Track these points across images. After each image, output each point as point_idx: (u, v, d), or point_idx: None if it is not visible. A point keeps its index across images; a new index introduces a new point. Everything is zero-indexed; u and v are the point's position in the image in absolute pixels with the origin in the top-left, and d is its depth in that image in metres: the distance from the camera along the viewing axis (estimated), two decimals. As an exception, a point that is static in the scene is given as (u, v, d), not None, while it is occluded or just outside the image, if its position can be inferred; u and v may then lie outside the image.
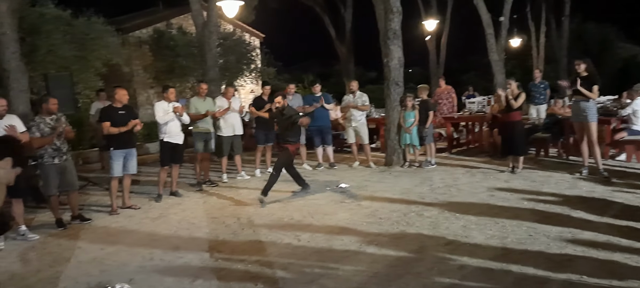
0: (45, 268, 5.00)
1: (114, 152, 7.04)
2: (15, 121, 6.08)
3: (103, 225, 6.59)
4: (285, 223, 6.18)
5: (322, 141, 9.90)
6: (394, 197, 7.21)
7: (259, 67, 18.85)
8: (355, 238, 5.43)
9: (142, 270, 4.79)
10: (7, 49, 8.10)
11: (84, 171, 9.97)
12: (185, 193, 8.21)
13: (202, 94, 8.62)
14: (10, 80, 8.18)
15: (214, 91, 10.57)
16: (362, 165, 9.93)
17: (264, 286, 4.28)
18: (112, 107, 7.24)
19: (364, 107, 9.94)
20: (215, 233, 5.93)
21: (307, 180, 8.78)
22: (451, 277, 4.24)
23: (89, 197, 8.34)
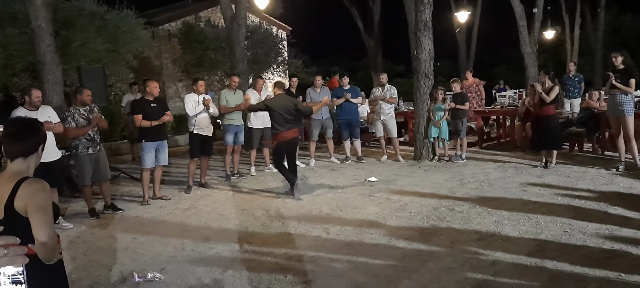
0: (80, 257, 5.10)
1: (146, 144, 7.13)
2: (50, 112, 6.21)
3: (135, 215, 6.69)
4: (314, 216, 6.17)
5: (350, 134, 9.84)
6: (423, 191, 7.12)
7: (286, 60, 18.88)
8: (385, 232, 5.38)
9: (173, 260, 4.84)
10: (42, 42, 8.29)
11: (115, 162, 10.14)
12: (215, 185, 8.28)
13: (233, 87, 8.66)
14: (45, 72, 8.37)
15: (242, 84, 10.61)
16: (391, 159, 9.85)
17: (294, 278, 4.27)
18: (144, 99, 7.33)
19: (392, 99, 9.84)
20: (244, 225, 5.96)
21: (335, 174, 8.78)
22: (484, 272, 4.16)
23: (120, 187, 8.49)
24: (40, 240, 2.22)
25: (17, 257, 0.99)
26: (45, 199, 2.31)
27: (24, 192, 2.29)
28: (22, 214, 2.28)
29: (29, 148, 2.43)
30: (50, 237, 2.25)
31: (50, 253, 2.28)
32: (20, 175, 2.38)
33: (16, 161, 2.41)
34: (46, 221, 2.26)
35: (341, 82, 10.11)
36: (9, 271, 0.97)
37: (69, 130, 6.34)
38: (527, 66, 16.39)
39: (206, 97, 7.77)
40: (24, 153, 2.42)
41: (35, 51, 8.46)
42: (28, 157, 2.43)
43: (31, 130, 2.46)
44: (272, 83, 19.35)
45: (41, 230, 2.23)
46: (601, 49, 23.20)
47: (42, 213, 2.27)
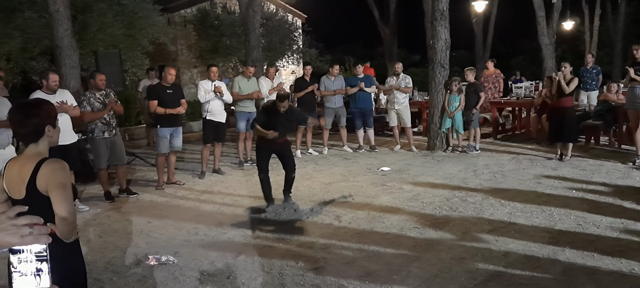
0: (95, 239, 5.19)
1: (161, 129, 7.20)
2: (67, 96, 6.29)
3: (149, 200, 6.77)
4: (327, 204, 6.19)
5: (363, 124, 9.82)
6: (436, 182, 7.10)
7: (301, 48, 18.84)
8: (397, 221, 5.39)
9: (187, 244, 4.90)
10: (60, 26, 8.38)
11: (131, 147, 10.24)
12: (228, 171, 8.33)
13: (248, 74, 8.69)
14: (63, 57, 8.46)
15: (257, 71, 10.62)
16: (404, 149, 9.82)
17: (305, 265, 4.31)
18: (160, 85, 7.39)
19: (407, 89, 9.79)
20: (257, 211, 6.00)
21: (348, 162, 8.78)
22: (496, 263, 4.15)
23: (136, 171, 8.58)
24: (61, 215, 2.32)
25: (42, 235, 1.02)
26: (64, 177, 2.40)
27: (44, 172, 2.37)
28: (43, 193, 2.36)
29: (34, 131, 2.46)
30: (70, 212, 2.36)
31: (70, 229, 2.37)
32: (39, 156, 2.45)
33: (30, 146, 2.47)
34: (66, 197, 2.36)
35: (355, 71, 10.07)
36: (35, 249, 1.01)
37: (85, 114, 6.41)
38: (545, 57, 16.16)
39: (217, 84, 7.80)
40: (32, 138, 2.46)
41: (53, 35, 8.55)
42: (39, 141, 2.48)
43: (30, 114, 2.47)
44: (286, 71, 19.30)
45: (61, 206, 2.33)
46: (621, 40, 22.76)
47: (62, 190, 2.36)
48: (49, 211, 2.34)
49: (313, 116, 8.79)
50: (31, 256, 1.02)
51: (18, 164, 2.50)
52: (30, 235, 1.03)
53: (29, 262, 1.02)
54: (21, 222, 1.04)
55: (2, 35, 11.58)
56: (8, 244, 1.03)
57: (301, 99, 9.48)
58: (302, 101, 9.49)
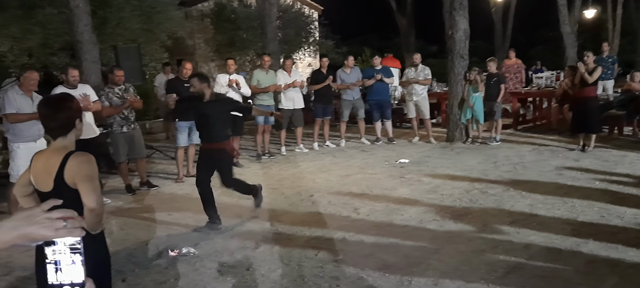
0: (117, 231, 5.26)
1: (179, 123, 7.26)
2: (89, 90, 6.37)
3: (169, 192, 6.84)
4: (344, 196, 6.17)
5: (381, 115, 9.77)
6: (456, 174, 7.04)
7: (317, 40, 18.80)
8: (415, 213, 5.36)
9: (207, 236, 4.94)
10: (80, 21, 8.47)
11: (150, 141, 10.35)
12: (246, 164, 8.36)
13: (265, 66, 8.68)
14: (83, 52, 8.57)
15: (274, 64, 10.63)
16: (423, 140, 9.75)
17: (324, 256, 4.31)
18: (178, 79, 7.44)
19: (425, 80, 9.70)
20: (275, 204, 6.02)
21: (366, 154, 8.75)
22: (517, 256, 4.11)
23: (155, 165, 8.67)
24: (90, 207, 2.39)
25: (75, 228, 1.05)
26: (91, 169, 2.46)
27: (71, 164, 2.42)
28: (70, 186, 2.42)
29: (64, 125, 2.51)
30: (99, 203, 2.43)
31: (98, 220, 2.44)
32: (66, 149, 2.50)
33: (58, 139, 2.52)
34: (94, 189, 2.42)
35: (372, 62, 10.01)
36: (69, 241, 1.03)
37: (104, 108, 6.49)
38: (566, 47, 15.86)
39: (232, 77, 7.81)
40: (62, 132, 2.51)
41: (73, 30, 8.66)
42: (68, 134, 2.53)
43: (60, 108, 2.52)
44: (303, 63, 19.29)
45: (90, 197, 2.39)
46: (645, 28, 22.24)
47: (90, 181, 2.43)
48: (77, 203, 2.39)
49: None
50: (65, 248, 1.04)
51: (44, 157, 2.55)
52: (64, 228, 1.05)
53: (63, 254, 1.04)
54: (55, 216, 1.05)
55: (24, 32, 11.78)
56: (43, 237, 1.04)
57: (318, 92, 9.47)
58: (319, 94, 9.48)
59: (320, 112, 9.51)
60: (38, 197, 2.53)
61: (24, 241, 1.06)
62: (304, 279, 3.90)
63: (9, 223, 1.05)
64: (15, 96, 5.35)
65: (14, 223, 1.05)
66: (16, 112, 5.31)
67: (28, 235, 1.05)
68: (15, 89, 5.36)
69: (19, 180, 2.66)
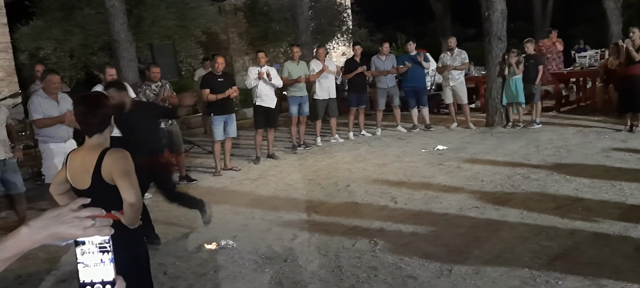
0: (159, 224, 5.35)
1: (215, 117, 7.34)
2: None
3: (208, 186, 6.93)
4: (382, 185, 6.10)
5: (417, 102, 9.60)
6: (496, 159, 6.85)
7: (350, 29, 18.63)
8: (455, 201, 5.24)
9: (244, 228, 4.98)
10: (116, 21, 8.64)
11: (188, 135, 10.51)
12: (282, 155, 8.39)
13: (296, 58, 8.66)
14: (120, 50, 8.74)
15: (307, 55, 10.60)
16: (461, 126, 9.53)
17: (361, 246, 4.27)
18: (211, 74, 7.51)
19: (462, 66, 9.47)
20: (312, 195, 6.01)
21: (402, 142, 8.64)
22: (562, 242, 3.96)
23: (193, 159, 8.80)
24: (130, 201, 2.44)
25: (104, 227, 1.05)
26: (128, 165, 2.50)
27: (108, 161, 2.47)
28: (108, 182, 2.46)
29: (101, 122, 2.56)
30: (138, 198, 2.48)
31: (136, 215, 2.49)
32: (101, 146, 2.55)
33: (94, 136, 2.56)
34: (132, 184, 2.47)
35: (407, 48, 9.84)
36: (97, 240, 1.02)
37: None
38: (610, 23, 15.16)
39: (261, 70, 7.82)
40: (99, 128, 2.56)
41: (110, 30, 8.84)
42: (103, 131, 2.58)
43: (96, 106, 2.58)
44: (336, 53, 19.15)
45: (129, 192, 2.44)
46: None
47: (127, 177, 2.48)
48: (114, 199, 2.44)
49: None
50: (94, 248, 1.04)
51: (80, 155, 2.60)
52: (93, 227, 1.04)
53: (92, 254, 1.04)
54: (84, 215, 1.05)
55: (64, 33, 12.12)
56: (72, 236, 1.04)
57: (352, 81, 9.38)
58: (353, 82, 9.39)
59: (355, 101, 9.43)
60: (74, 195, 2.59)
61: (54, 240, 1.06)
62: (341, 270, 3.87)
63: (39, 223, 1.06)
64: (41, 101, 5.36)
65: (44, 223, 1.05)
66: (43, 116, 5.38)
67: (57, 235, 1.05)
68: (39, 93, 5.45)
69: (54, 179, 2.72)
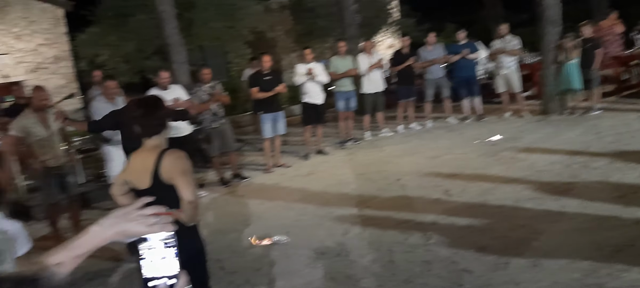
0: (213, 222, 5.52)
1: (263, 115, 7.46)
2: (179, 91, 6.70)
3: (259, 183, 7.06)
4: (434, 178, 6.01)
5: (468, 92, 9.38)
6: (553, 148, 6.60)
7: (397, 20, 18.41)
8: (511, 192, 5.10)
9: (297, 224, 5.04)
10: (167, 25, 8.92)
11: (239, 134, 10.72)
12: (331, 151, 8.41)
13: (342, 53, 8.65)
14: (173, 53, 9.02)
15: (353, 49, 10.56)
16: (515, 115, 9.24)
17: (414, 241, 4.23)
18: (259, 72, 7.62)
19: (514, 51, 9.17)
20: (362, 189, 6.00)
21: (454, 134, 8.48)
22: (626, 233, 3.78)
23: (245, 157, 8.97)
24: (188, 199, 2.54)
25: (167, 224, 1.12)
26: (185, 164, 2.62)
27: (167, 161, 2.58)
28: (166, 182, 2.57)
29: (159, 124, 2.67)
30: (196, 196, 2.59)
31: (195, 213, 2.60)
32: (160, 148, 2.65)
33: (153, 138, 2.67)
34: (190, 183, 2.59)
35: (457, 38, 9.61)
36: (161, 237, 1.08)
37: (193, 106, 6.80)
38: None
39: (309, 66, 7.86)
40: (158, 130, 2.67)
41: (162, 34, 9.14)
42: (161, 133, 2.68)
43: (154, 109, 2.69)
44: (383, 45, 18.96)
45: (187, 191, 2.55)
46: None
47: (185, 176, 2.58)
48: (172, 198, 2.53)
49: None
50: (158, 243, 1.09)
51: (141, 156, 2.71)
52: (157, 224, 1.10)
53: (156, 250, 1.09)
54: (148, 213, 1.11)
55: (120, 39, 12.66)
56: (138, 233, 1.11)
57: (400, 73, 9.27)
58: (401, 75, 9.28)
59: (404, 93, 9.32)
60: (135, 195, 2.71)
61: (121, 237, 1.12)
62: (394, 264, 3.85)
63: (108, 221, 1.12)
64: (100, 105, 5.73)
65: (112, 221, 1.12)
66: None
67: (124, 232, 1.11)
68: (99, 98, 5.74)
69: (116, 180, 2.86)
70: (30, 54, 13.29)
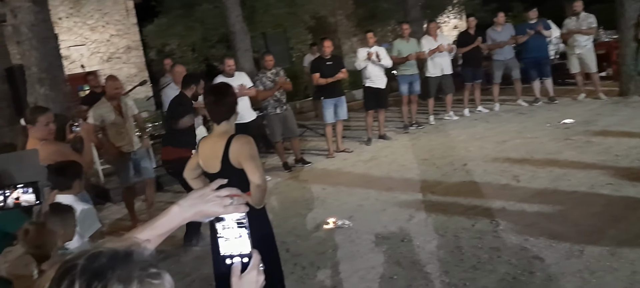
0: (278, 206, 5.62)
1: (325, 100, 7.48)
2: (244, 78, 6.85)
3: (322, 168, 7.10)
4: (502, 163, 5.81)
5: (539, 73, 8.95)
6: (632, 131, 6.19)
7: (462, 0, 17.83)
8: (585, 178, 4.85)
9: (360, 209, 5.04)
10: (232, 13, 9.12)
11: (301, 120, 10.82)
12: (394, 136, 8.32)
13: (406, 36, 8.49)
14: (237, 41, 9.22)
15: (417, 31, 10.34)
16: (590, 97, 8.73)
17: (482, 227, 4.12)
18: (320, 58, 7.64)
19: (589, 30, 8.63)
20: (426, 175, 5.91)
21: (524, 117, 8.15)
22: None
23: (307, 142, 9.06)
24: (257, 183, 2.64)
25: (241, 205, 1.17)
26: (253, 149, 2.69)
27: (235, 146, 2.66)
28: (235, 166, 2.65)
29: (229, 110, 2.76)
30: (264, 180, 2.67)
31: (263, 196, 2.67)
32: (228, 133, 2.74)
33: (222, 124, 2.76)
34: (258, 167, 2.67)
35: (528, 17, 9.16)
36: (235, 217, 1.15)
37: (259, 92, 6.94)
38: None
39: (371, 50, 7.76)
40: (226, 116, 2.76)
41: (227, 23, 9.35)
42: (230, 119, 2.77)
43: (226, 95, 2.79)
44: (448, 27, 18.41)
45: (256, 174, 2.64)
46: None
47: (253, 160, 2.67)
48: (241, 182, 2.61)
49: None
50: (233, 223, 1.14)
51: (210, 142, 2.81)
52: (231, 205, 1.14)
53: (231, 229, 1.14)
54: (223, 194, 1.15)
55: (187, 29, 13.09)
56: (214, 214, 1.17)
57: (467, 55, 8.99)
58: (468, 57, 8.99)
59: (470, 76, 9.03)
60: (206, 179, 2.81)
61: (200, 217, 1.18)
62: (461, 250, 3.77)
63: (187, 202, 1.18)
64: (171, 92, 5.95)
65: (191, 202, 1.18)
66: None
67: (202, 212, 1.17)
68: (171, 86, 5.95)
69: (188, 164, 2.97)
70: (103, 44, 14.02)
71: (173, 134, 4.90)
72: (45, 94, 5.69)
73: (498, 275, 3.35)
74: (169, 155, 4.85)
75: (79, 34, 13.61)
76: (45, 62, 5.75)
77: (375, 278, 3.58)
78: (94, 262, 0.83)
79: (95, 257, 0.83)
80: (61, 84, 6.02)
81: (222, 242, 1.14)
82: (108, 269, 0.82)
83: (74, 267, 0.82)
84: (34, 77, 5.71)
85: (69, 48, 13.03)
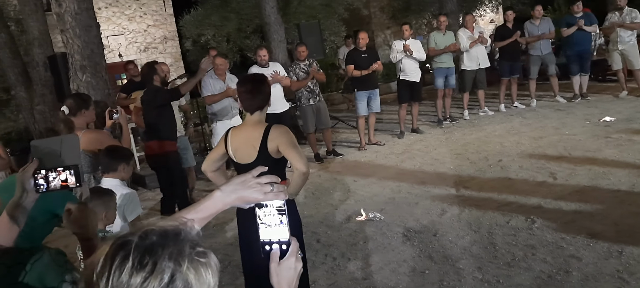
0: (309, 196, 5.65)
1: (358, 93, 7.45)
2: (278, 68, 6.89)
3: (353, 160, 7.10)
4: (538, 160, 5.69)
5: (580, 68, 8.68)
6: (678, 130, 5.98)
7: (499, -7, 17.46)
8: (626, 176, 4.70)
9: (391, 202, 5.02)
10: (266, 5, 9.17)
11: (333, 111, 10.82)
12: (427, 130, 8.23)
13: (442, 27, 8.36)
14: (271, 32, 9.28)
15: (453, 24, 10.18)
16: (632, 94, 8.43)
17: (517, 223, 4.05)
18: (356, 50, 7.61)
19: (634, 25, 8.33)
20: (460, 170, 5.83)
21: (561, 114, 7.95)
22: None
23: (339, 134, 9.05)
24: (302, 170, 2.66)
25: (280, 192, 1.19)
26: (292, 138, 2.74)
27: (273, 135, 2.69)
28: (272, 155, 2.68)
29: (263, 100, 2.79)
30: (307, 167, 2.69)
31: (303, 183, 2.73)
32: (261, 123, 2.76)
33: (255, 113, 2.78)
34: (301, 154, 2.70)
35: (572, 10, 8.88)
36: (276, 204, 1.17)
37: (292, 83, 6.96)
38: None
39: (407, 43, 7.68)
40: (260, 106, 2.78)
41: (262, 14, 9.41)
42: (263, 109, 2.79)
43: (261, 85, 2.82)
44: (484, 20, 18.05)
45: (301, 162, 2.66)
46: None
47: (295, 148, 2.70)
48: (277, 171, 2.64)
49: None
50: (273, 210, 1.17)
51: (244, 132, 2.82)
52: (272, 192, 1.17)
53: (271, 215, 1.16)
54: (264, 181, 1.17)
55: (222, 19, 13.25)
56: (255, 200, 1.20)
57: (504, 49, 8.80)
58: (505, 51, 8.80)
59: (507, 70, 8.84)
60: (225, 173, 2.84)
61: (241, 203, 1.20)
62: (495, 247, 3.72)
63: (229, 188, 1.21)
64: (210, 81, 6.10)
65: (233, 187, 1.21)
66: (211, 94, 6.06)
67: (244, 198, 1.19)
68: (210, 74, 6.06)
69: (209, 156, 2.95)
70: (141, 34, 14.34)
71: (155, 128, 4.89)
72: (87, 81, 5.87)
73: (533, 273, 3.29)
74: (155, 149, 4.86)
75: (117, 23, 13.95)
76: (87, 49, 5.92)
77: (406, 272, 3.56)
78: (146, 240, 0.86)
79: (147, 234, 0.87)
80: (102, 71, 6.20)
81: (263, 228, 1.16)
82: (159, 246, 0.85)
83: (127, 243, 0.86)
84: (77, 65, 5.89)
85: (108, 38, 13.37)
